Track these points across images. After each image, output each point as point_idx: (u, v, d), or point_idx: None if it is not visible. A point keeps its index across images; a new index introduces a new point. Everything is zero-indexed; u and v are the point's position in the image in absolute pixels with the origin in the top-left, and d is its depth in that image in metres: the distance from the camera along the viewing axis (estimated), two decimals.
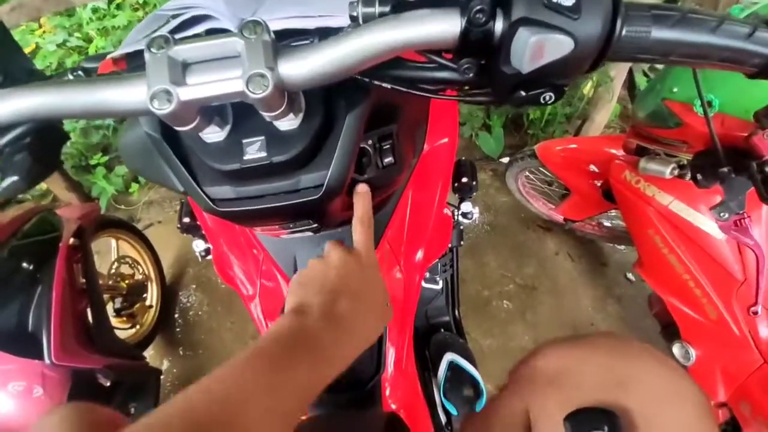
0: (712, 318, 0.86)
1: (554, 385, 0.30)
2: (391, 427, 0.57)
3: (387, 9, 0.27)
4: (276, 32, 0.36)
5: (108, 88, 0.28)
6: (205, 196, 0.37)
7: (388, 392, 0.64)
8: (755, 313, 0.78)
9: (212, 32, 0.39)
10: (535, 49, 0.21)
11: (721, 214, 0.68)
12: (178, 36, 0.39)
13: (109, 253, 1.40)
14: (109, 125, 1.89)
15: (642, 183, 0.91)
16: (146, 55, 0.27)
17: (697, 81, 0.62)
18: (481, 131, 1.84)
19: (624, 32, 0.23)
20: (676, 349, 0.94)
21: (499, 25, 0.23)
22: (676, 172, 0.82)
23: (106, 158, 1.83)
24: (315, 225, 0.45)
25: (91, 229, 1.15)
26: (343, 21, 0.37)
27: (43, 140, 0.32)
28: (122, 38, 2.07)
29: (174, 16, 0.41)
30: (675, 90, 0.76)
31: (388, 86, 0.33)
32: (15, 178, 0.30)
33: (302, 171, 0.36)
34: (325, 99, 0.35)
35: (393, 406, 0.64)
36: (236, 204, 0.37)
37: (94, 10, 2.17)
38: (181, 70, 0.27)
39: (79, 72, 0.34)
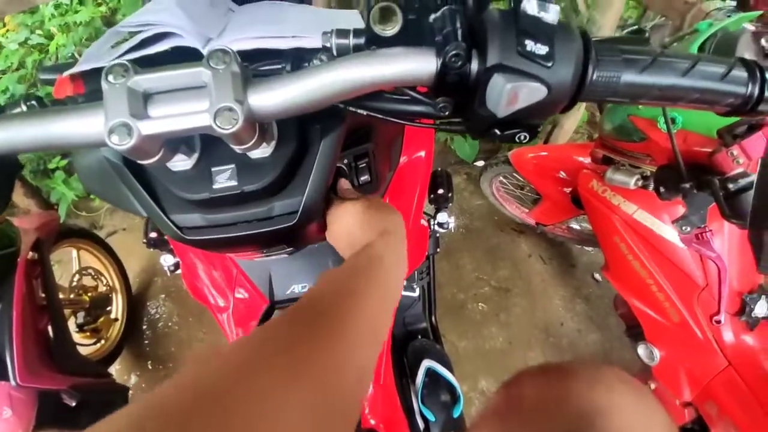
0: (674, 321, 0.90)
1: (536, 414, 0.31)
2: None
3: (361, 42, 0.26)
4: (245, 52, 0.35)
5: (63, 119, 0.26)
6: (171, 224, 0.35)
7: (367, 410, 0.63)
8: (718, 322, 0.82)
9: (177, 50, 0.37)
10: (509, 95, 0.21)
11: (683, 228, 0.71)
12: (140, 53, 0.37)
13: (70, 263, 1.32)
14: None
15: (608, 192, 0.95)
16: (104, 85, 0.25)
17: None
18: (456, 136, 1.86)
19: (595, 77, 0.23)
20: (641, 349, 0.98)
21: (474, 68, 0.23)
22: (640, 183, 0.85)
23: (65, 162, 1.73)
24: (290, 249, 0.44)
25: (50, 240, 1.08)
26: (315, 42, 0.36)
27: None
28: (84, 35, 1.97)
29: (133, 33, 0.38)
30: (640, 106, 0.79)
31: (364, 113, 0.32)
32: None
33: (276, 198, 0.35)
34: (299, 124, 0.34)
35: (372, 422, 0.64)
36: (206, 232, 0.36)
37: (57, 6, 2.06)
38: (143, 101, 0.26)
39: (33, 102, 0.31)
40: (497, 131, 0.25)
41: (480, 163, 1.85)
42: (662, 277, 0.89)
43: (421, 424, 0.78)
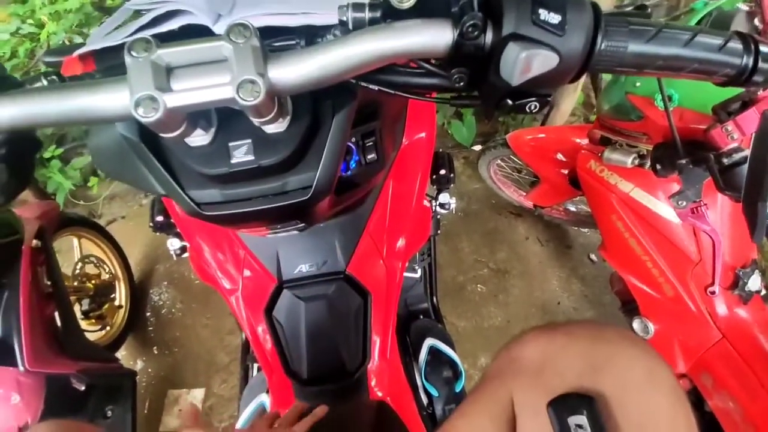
0: (668, 295, 0.93)
1: (537, 374, 0.31)
2: (381, 414, 0.59)
3: (378, 15, 0.27)
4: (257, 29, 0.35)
5: (87, 94, 0.26)
6: (189, 200, 0.36)
7: (374, 382, 0.66)
8: (712, 293, 0.85)
9: (188, 28, 0.38)
10: (524, 64, 0.22)
11: (679, 202, 0.74)
12: (151, 32, 0.37)
13: (72, 252, 1.33)
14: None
15: (605, 172, 0.96)
16: (127, 59, 0.26)
17: (659, 77, 0.66)
18: (454, 119, 1.86)
19: (603, 47, 0.24)
20: (635, 324, 1.01)
21: (489, 38, 0.24)
22: (636, 161, 0.87)
23: (61, 150, 1.71)
24: (302, 224, 0.45)
25: (52, 228, 1.08)
26: (327, 19, 0.37)
27: (17, 151, 0.30)
28: (74, 22, 1.93)
29: (143, 11, 0.39)
30: (637, 84, 0.81)
31: (376, 89, 0.33)
32: None
33: (290, 173, 0.36)
34: (312, 100, 0.35)
35: (379, 394, 0.66)
36: (223, 207, 0.37)
37: None
38: (166, 75, 0.26)
39: (53, 77, 0.32)
40: (509, 101, 0.26)
41: (477, 148, 1.85)
42: (657, 253, 0.92)
43: (425, 400, 0.81)
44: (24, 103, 0.25)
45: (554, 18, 0.22)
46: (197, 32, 0.37)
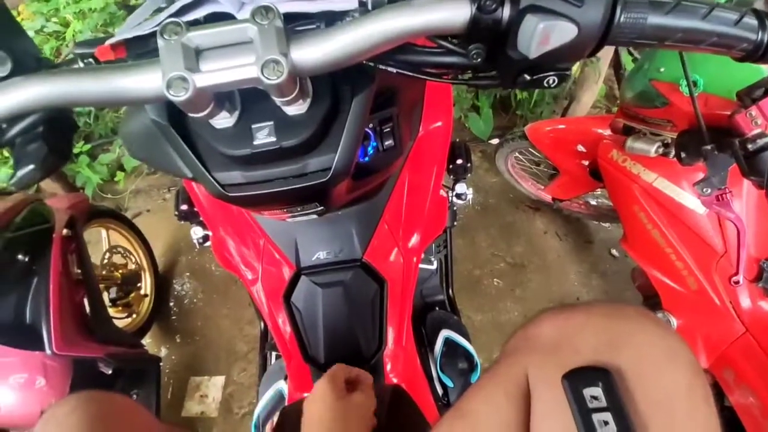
0: (692, 289, 0.91)
1: (553, 350, 0.31)
2: (396, 397, 0.60)
3: None
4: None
5: (121, 75, 0.28)
6: (214, 182, 0.38)
7: (389, 367, 0.67)
8: (737, 282, 0.82)
9: (212, 17, 0.39)
10: (542, 35, 0.23)
11: (704, 190, 0.72)
12: (179, 20, 0.39)
13: (101, 243, 1.38)
14: (90, 112, 1.83)
15: (628, 162, 0.94)
16: (159, 42, 0.27)
17: (684, 61, 0.64)
18: (471, 113, 1.85)
19: (623, 19, 0.24)
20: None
21: (507, 12, 0.24)
22: (660, 150, 0.85)
23: (89, 146, 1.78)
24: (321, 208, 0.46)
25: (82, 219, 1.13)
26: (347, 4, 0.38)
27: (56, 129, 0.32)
28: (99, 21, 1.99)
29: (170, 2, 0.40)
30: (662, 70, 0.79)
31: (394, 71, 0.34)
32: (31, 167, 0.30)
33: (310, 155, 0.37)
34: (332, 83, 0.36)
35: (395, 380, 0.67)
36: (246, 189, 0.38)
37: None
38: (195, 56, 0.28)
39: (90, 60, 0.34)
40: (527, 76, 0.26)
41: (494, 141, 1.84)
42: (681, 245, 0.90)
43: (440, 390, 0.81)
44: (62, 82, 0.27)
45: None
46: (222, 20, 0.38)
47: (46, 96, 0.27)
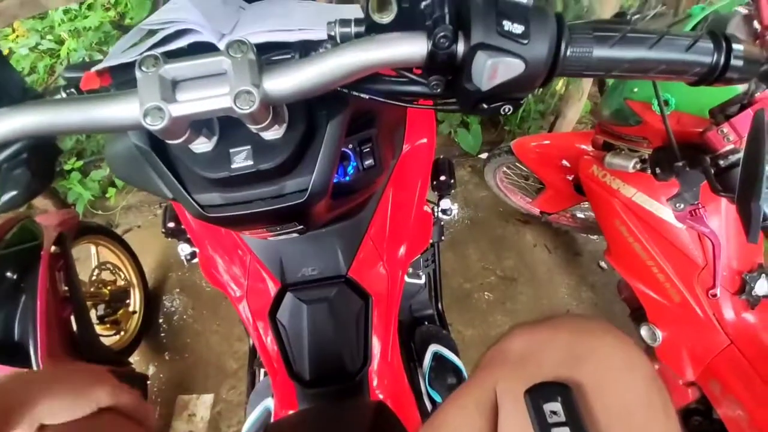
0: (675, 301, 0.92)
1: (519, 364, 0.32)
2: (379, 414, 0.60)
3: (362, 30, 0.29)
4: (257, 45, 0.38)
5: (101, 105, 0.29)
6: (194, 203, 0.39)
7: (375, 383, 0.67)
8: (714, 295, 0.84)
9: (195, 45, 0.41)
10: (491, 70, 0.25)
11: (677, 205, 0.74)
12: (162, 49, 0.41)
13: (90, 259, 1.38)
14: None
15: (608, 177, 0.97)
16: (138, 74, 0.29)
17: (654, 82, 0.67)
18: (460, 128, 1.88)
19: (569, 53, 0.26)
20: (643, 331, 1.00)
21: (461, 48, 0.26)
22: (638, 166, 0.87)
23: (80, 163, 1.79)
24: (301, 227, 0.48)
25: (71, 236, 1.13)
26: (320, 34, 0.40)
27: (39, 155, 0.33)
28: (94, 40, 2.03)
29: (156, 30, 0.42)
30: (635, 90, 0.82)
31: (366, 97, 0.36)
32: (14, 192, 0.31)
33: (287, 177, 0.39)
34: (307, 109, 0.38)
35: (380, 396, 0.67)
36: (225, 210, 0.39)
37: (66, 11, 2.11)
38: (171, 87, 0.29)
39: (72, 90, 0.35)
40: (484, 105, 0.28)
41: (483, 156, 1.87)
42: (662, 258, 0.92)
43: (429, 406, 0.81)
44: (45, 113, 0.28)
45: (518, 28, 0.24)
46: (204, 48, 0.40)
47: (30, 126, 0.29)
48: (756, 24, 0.68)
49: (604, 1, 1.31)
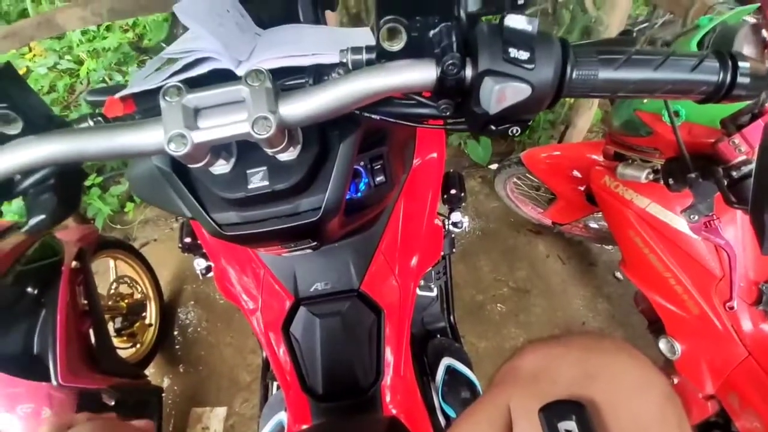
0: (694, 313, 0.91)
1: (533, 381, 0.32)
2: (393, 430, 0.60)
3: (373, 57, 0.31)
4: (273, 69, 0.40)
5: (127, 133, 0.31)
6: (212, 222, 0.41)
7: (388, 398, 0.67)
8: (731, 308, 0.82)
9: (214, 72, 0.43)
10: (498, 95, 0.25)
11: (692, 216, 0.73)
12: (183, 76, 0.43)
13: (108, 273, 1.41)
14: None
15: (620, 187, 0.96)
16: (162, 103, 0.30)
17: None
18: (470, 140, 1.89)
19: (574, 76, 0.27)
20: (662, 344, 0.98)
21: (468, 73, 0.27)
22: (651, 176, 0.87)
23: (100, 179, 1.85)
24: (314, 243, 0.49)
25: (91, 250, 1.16)
26: (333, 58, 0.41)
27: (66, 180, 0.35)
28: (113, 60, 2.10)
29: (176, 58, 0.44)
30: (645, 101, 0.82)
31: (377, 118, 0.37)
32: (42, 216, 0.33)
33: (301, 196, 0.40)
34: (320, 130, 0.39)
35: (393, 411, 0.67)
36: (241, 228, 0.41)
37: (84, 32, 2.19)
38: (194, 115, 0.31)
39: (99, 118, 0.37)
40: (493, 127, 0.29)
41: (493, 167, 1.87)
42: (679, 269, 0.90)
43: (442, 421, 0.80)
44: (73, 141, 0.30)
45: (523, 54, 0.25)
46: (222, 75, 0.42)
47: (58, 153, 0.31)
48: (764, 33, 0.68)
49: (612, 12, 1.32)
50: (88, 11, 1.24)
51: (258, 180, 0.37)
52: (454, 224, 0.89)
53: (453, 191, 0.86)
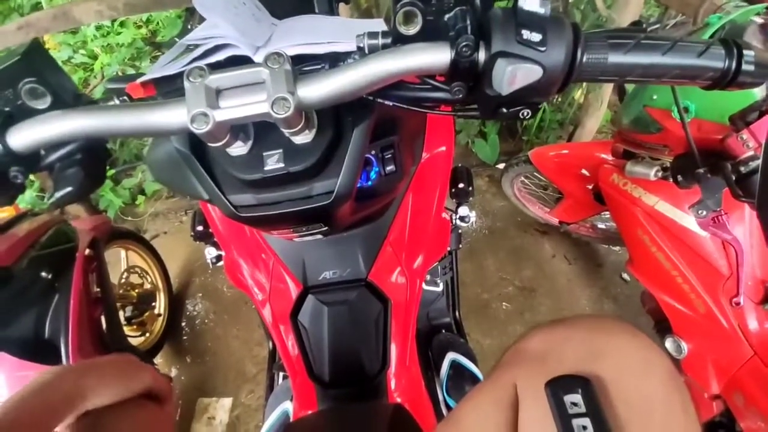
0: (701, 312, 0.90)
1: (539, 361, 0.33)
2: (397, 416, 0.61)
3: (389, 41, 0.32)
4: (291, 57, 0.41)
5: (152, 111, 0.33)
6: (228, 203, 0.42)
7: (393, 386, 0.67)
8: (737, 303, 0.82)
9: (231, 59, 0.44)
10: (510, 76, 0.26)
11: (700, 212, 0.73)
12: (203, 62, 0.44)
13: (119, 263, 1.44)
14: (116, 140, 1.94)
15: (629, 185, 0.96)
16: (186, 84, 0.32)
17: (674, 89, 0.67)
18: (477, 138, 1.90)
19: (585, 59, 0.28)
20: (668, 343, 0.98)
21: (482, 56, 0.28)
22: (660, 174, 0.87)
23: (113, 171, 1.88)
24: (325, 228, 0.50)
25: (104, 239, 1.19)
26: (349, 46, 0.42)
27: (92, 156, 0.36)
28: (126, 56, 2.13)
29: (195, 46, 0.46)
30: (655, 98, 0.82)
31: (390, 104, 0.38)
32: (69, 188, 0.34)
33: (315, 179, 0.41)
34: (335, 116, 0.40)
35: (398, 399, 0.68)
36: (256, 210, 0.42)
37: (98, 27, 2.22)
38: (215, 95, 0.32)
39: (125, 98, 0.39)
40: (504, 109, 0.30)
41: (501, 166, 1.87)
42: (686, 267, 0.90)
43: (446, 413, 0.81)
44: (102, 116, 0.32)
45: (536, 36, 0.26)
46: (240, 62, 0.43)
47: (87, 127, 0.32)
48: None
49: (623, 12, 1.31)
50: (104, 5, 1.27)
51: (274, 162, 0.39)
52: (462, 218, 0.90)
53: (461, 185, 0.86)
